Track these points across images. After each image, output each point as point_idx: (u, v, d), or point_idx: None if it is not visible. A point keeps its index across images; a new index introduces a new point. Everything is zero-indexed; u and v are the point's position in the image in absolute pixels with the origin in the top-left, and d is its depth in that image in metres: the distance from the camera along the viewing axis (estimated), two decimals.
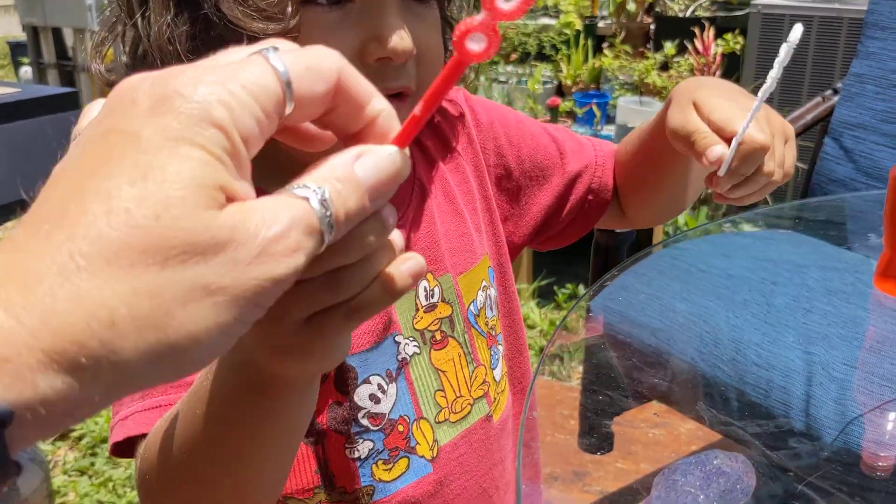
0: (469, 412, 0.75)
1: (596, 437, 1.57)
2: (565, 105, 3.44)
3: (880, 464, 0.83)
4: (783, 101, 3.43)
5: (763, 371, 1.16)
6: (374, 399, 0.69)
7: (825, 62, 3.14)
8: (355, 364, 0.68)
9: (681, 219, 3.22)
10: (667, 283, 1.36)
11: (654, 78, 3.51)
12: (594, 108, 3.28)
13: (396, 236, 0.39)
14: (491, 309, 0.79)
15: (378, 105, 0.36)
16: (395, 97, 0.64)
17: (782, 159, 0.71)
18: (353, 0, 0.61)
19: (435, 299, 0.74)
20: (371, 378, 0.69)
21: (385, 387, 0.70)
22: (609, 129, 3.42)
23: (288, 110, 0.33)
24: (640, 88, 3.55)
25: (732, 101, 0.71)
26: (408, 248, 0.71)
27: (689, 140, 0.70)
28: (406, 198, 0.74)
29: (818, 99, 1.70)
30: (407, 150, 0.36)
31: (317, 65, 0.34)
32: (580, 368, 2.61)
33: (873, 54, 1.60)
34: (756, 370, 1.17)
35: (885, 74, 1.57)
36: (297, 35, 0.59)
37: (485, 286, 0.78)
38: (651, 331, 1.31)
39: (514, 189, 0.84)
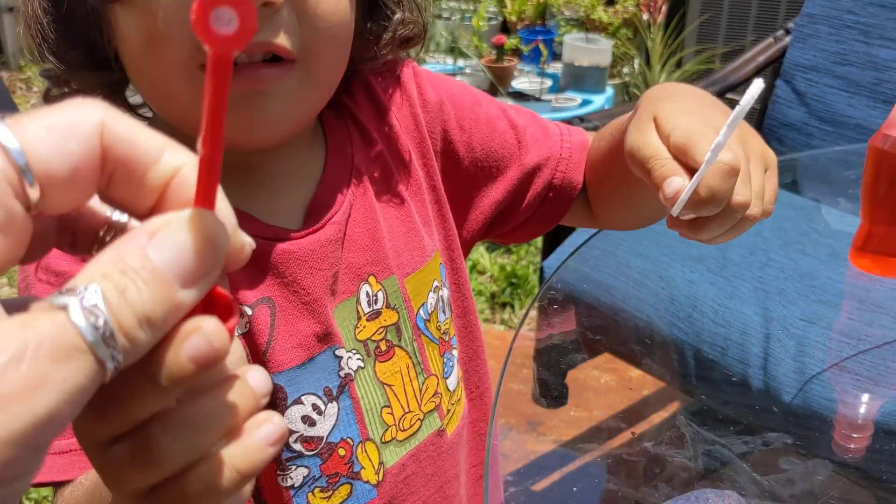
0: (419, 428, 0.68)
1: (551, 395, 1.55)
2: (511, 42, 3.36)
3: (852, 445, 0.81)
4: (728, 36, 3.40)
5: (720, 328, 1.14)
6: (308, 421, 0.62)
7: (798, 4, 3.10)
8: (283, 383, 0.61)
9: None
10: (621, 237, 1.32)
11: (601, 14, 3.44)
12: (541, 46, 3.21)
13: (245, 367, 0.30)
14: (444, 311, 0.71)
15: (173, 160, 0.28)
16: (269, 65, 0.54)
17: (761, 190, 0.54)
18: None
19: (379, 305, 0.66)
20: (303, 398, 0.62)
21: (322, 407, 0.62)
22: (556, 67, 3.35)
23: (33, 196, 0.26)
24: (585, 25, 3.48)
25: (700, 116, 0.55)
26: (346, 247, 0.64)
27: (645, 167, 0.54)
28: (341, 187, 0.65)
29: (770, 40, 1.66)
30: (221, 205, 0.28)
31: (65, 128, 0.26)
32: (533, 314, 2.60)
33: None
34: (713, 327, 1.14)
35: (838, 14, 1.53)
36: None
37: (436, 286, 0.70)
38: (606, 288, 1.27)
39: (463, 179, 0.73)
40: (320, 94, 0.60)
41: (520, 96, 3.13)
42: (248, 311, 0.59)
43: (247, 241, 0.30)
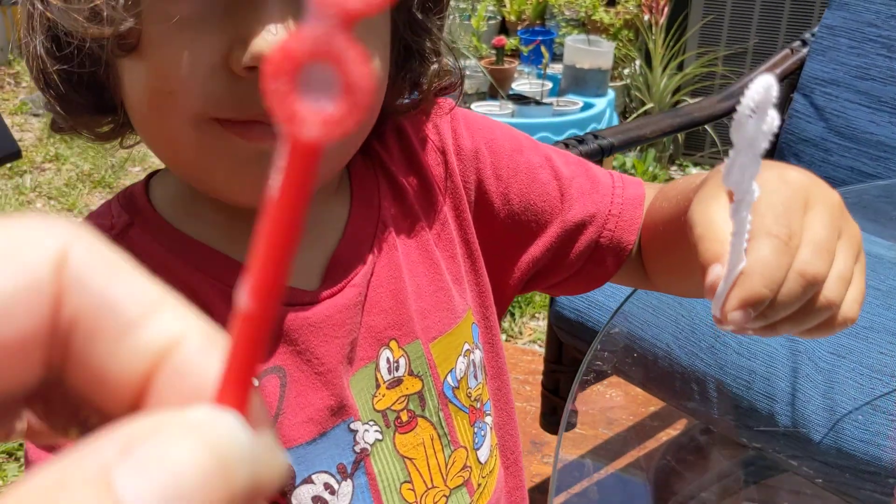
0: None
1: (558, 417, 1.50)
2: (511, 43, 3.31)
3: None
4: (756, 52, 3.35)
5: (744, 360, 1.09)
6: (320, 501, 0.56)
7: (802, 9, 3.06)
8: (291, 461, 0.55)
9: (628, 162, 3.15)
10: None
11: (602, 15, 3.39)
12: (542, 48, 3.16)
13: None
14: (475, 377, 0.65)
15: (171, 324, 0.18)
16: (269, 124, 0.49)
17: (848, 275, 0.44)
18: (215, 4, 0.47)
19: (400, 373, 0.60)
20: (314, 477, 0.56)
21: (335, 486, 0.57)
22: (556, 69, 3.30)
23: None
24: (586, 26, 3.43)
25: (792, 189, 0.44)
26: (366, 310, 0.59)
27: (695, 245, 0.44)
28: (365, 244, 0.60)
29: (787, 51, 1.61)
30: (258, 410, 0.18)
31: None
32: (531, 325, 2.55)
33: (846, 5, 1.51)
34: (737, 359, 1.10)
35: (859, 27, 1.48)
36: (135, 41, 0.48)
37: (467, 350, 0.63)
38: (623, 314, 1.22)
39: (499, 233, 0.66)
40: (345, 149, 0.55)
41: (520, 99, 3.07)
42: (255, 381, 0.53)
43: (280, 473, 0.18)
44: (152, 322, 0.18)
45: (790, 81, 1.62)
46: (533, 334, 2.39)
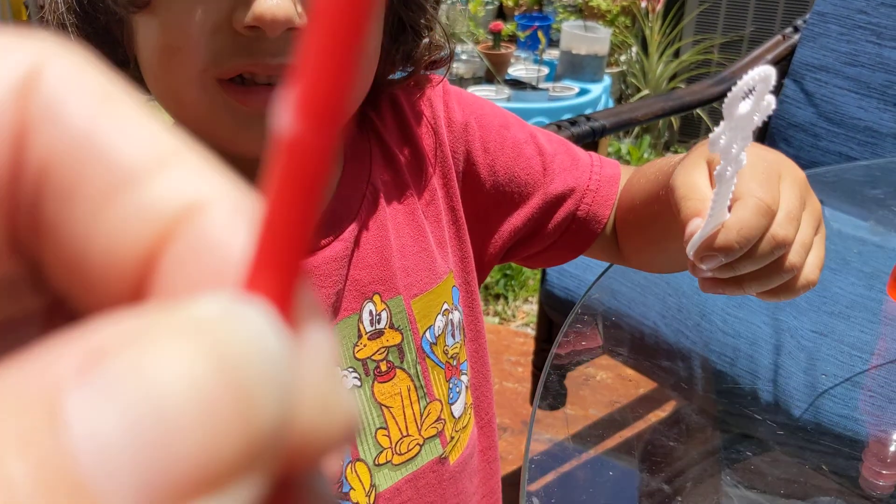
0: (417, 453, 0.65)
1: (550, 397, 1.53)
2: (508, 29, 3.31)
3: (881, 482, 0.79)
4: (753, 40, 3.36)
5: (729, 338, 1.11)
6: None
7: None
8: None
9: (623, 149, 3.17)
10: None
11: (599, 1, 3.40)
12: (539, 34, 3.17)
13: None
14: (453, 335, 0.68)
15: (185, 185, 0.12)
16: (271, 85, 0.53)
17: (808, 241, 0.48)
18: None
19: (382, 325, 0.64)
20: None
21: None
22: (553, 55, 3.31)
23: None
24: (583, 11, 3.44)
25: (767, 164, 0.49)
26: (353, 264, 0.62)
27: (677, 206, 0.49)
28: (354, 202, 0.63)
29: (778, 37, 1.63)
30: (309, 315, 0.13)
31: None
32: (524, 308, 2.58)
33: None
34: (722, 336, 1.12)
35: (850, 14, 1.50)
36: (148, 4, 0.51)
37: (446, 309, 0.67)
38: (611, 292, 1.25)
39: (484, 203, 0.71)
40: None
41: (516, 84, 3.09)
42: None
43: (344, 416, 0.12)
44: (159, 179, 0.12)
45: (781, 67, 1.64)
46: (526, 317, 2.42)
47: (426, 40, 0.64)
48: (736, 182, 0.45)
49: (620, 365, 1.58)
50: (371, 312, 0.63)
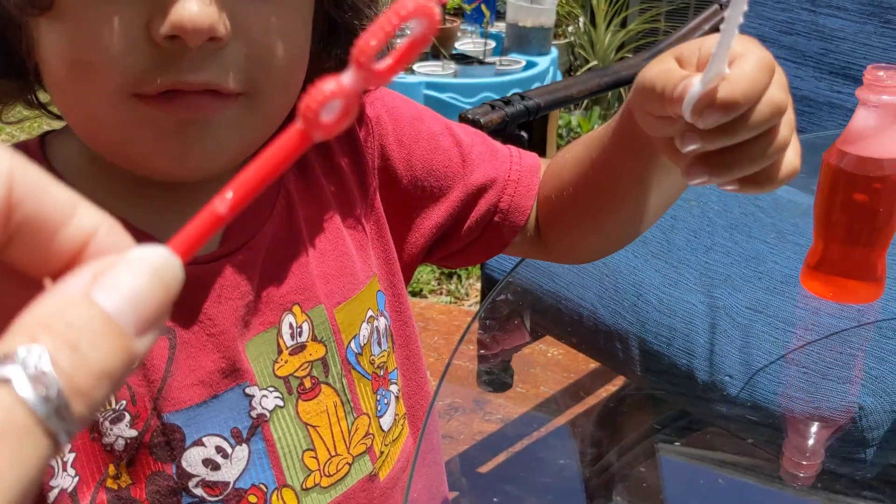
0: (347, 473, 0.62)
1: (496, 380, 1.52)
2: (453, 1, 3.27)
3: (801, 473, 0.78)
4: (699, 6, 3.35)
5: (665, 318, 1.10)
6: (211, 465, 0.56)
7: None
8: (180, 423, 0.55)
9: (573, 121, 3.15)
10: None
11: None
12: (483, 7, 3.12)
13: None
14: (379, 344, 0.65)
15: (86, 220, 0.25)
16: (209, 94, 0.49)
17: (792, 123, 0.47)
18: None
19: (304, 338, 0.60)
20: (205, 439, 0.56)
21: (228, 450, 0.56)
22: (499, 27, 3.27)
23: None
24: None
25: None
26: (270, 276, 0.58)
27: (658, 90, 0.46)
28: (265, 210, 0.59)
29: (715, 7, 1.61)
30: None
31: None
32: (477, 286, 2.56)
33: None
34: (658, 316, 1.11)
35: None
36: (50, 7, 0.46)
37: (371, 317, 0.64)
38: (549, 274, 1.23)
39: (402, 199, 0.67)
40: (265, 127, 0.54)
41: (463, 59, 3.05)
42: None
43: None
44: (75, 218, 0.24)
45: None
46: (479, 295, 2.40)
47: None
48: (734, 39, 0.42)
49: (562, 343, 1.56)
50: (291, 325, 0.59)
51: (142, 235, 0.53)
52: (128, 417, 0.54)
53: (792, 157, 0.48)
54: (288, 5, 0.51)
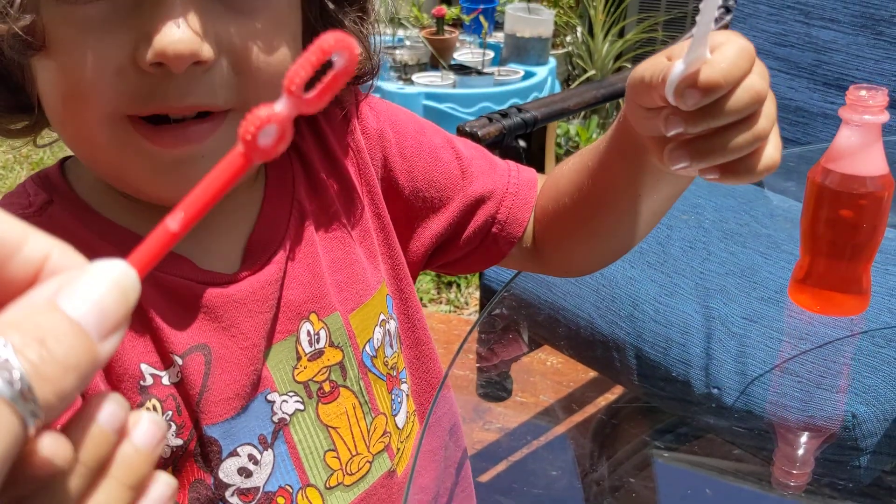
0: (368, 471, 0.64)
1: (495, 390, 1.53)
2: (452, 13, 3.29)
3: (792, 482, 0.80)
4: (670, 4, 3.37)
5: (661, 328, 1.11)
6: (245, 472, 0.58)
7: None
8: (217, 436, 0.57)
9: (571, 130, 3.17)
10: None
11: None
12: (481, 18, 3.14)
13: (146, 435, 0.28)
14: (391, 346, 0.67)
15: (37, 247, 0.27)
16: (198, 121, 0.51)
17: (773, 115, 0.48)
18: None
19: (321, 344, 0.62)
20: (239, 449, 0.58)
21: (258, 456, 0.59)
22: (498, 38, 3.29)
23: None
24: None
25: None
26: (285, 286, 0.61)
27: (645, 82, 0.48)
28: (281, 224, 0.61)
29: None
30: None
31: None
32: (476, 294, 2.57)
33: None
34: (654, 326, 1.12)
35: None
36: (40, 40, 0.48)
37: (383, 320, 0.66)
38: (547, 285, 1.24)
39: (404, 209, 0.69)
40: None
41: (461, 69, 3.06)
42: (179, 360, 0.56)
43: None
44: (26, 246, 0.27)
45: None
46: (478, 305, 2.41)
47: None
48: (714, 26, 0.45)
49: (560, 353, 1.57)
50: (309, 332, 0.61)
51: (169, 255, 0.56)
52: (174, 427, 0.56)
53: (772, 151, 0.49)
54: (273, 20, 0.53)
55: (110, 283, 0.26)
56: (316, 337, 0.62)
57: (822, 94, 1.45)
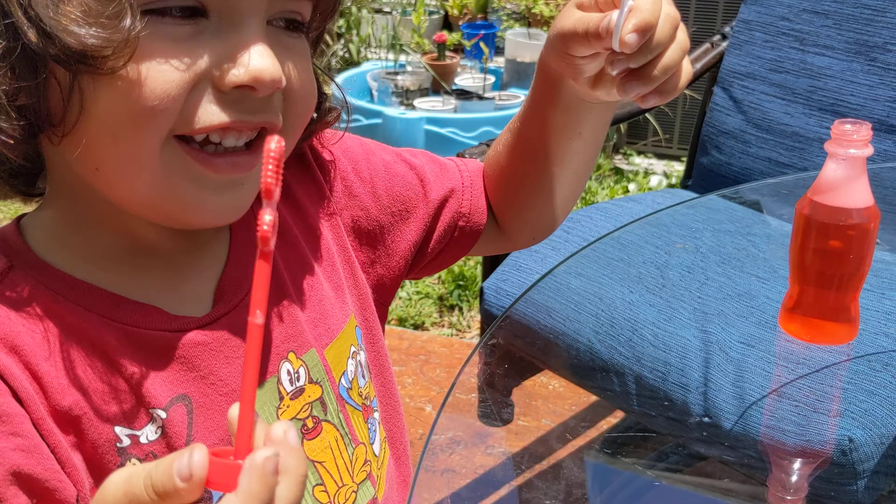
0: (354, 500, 0.65)
1: (498, 415, 1.53)
2: (453, 38, 3.32)
3: None
4: (694, 41, 3.39)
5: (660, 352, 1.12)
6: None
7: (709, 4, 3.11)
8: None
9: None
10: (559, 258, 1.30)
11: (542, 7, 3.42)
12: (482, 44, 3.18)
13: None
14: (363, 376, 0.69)
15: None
16: (245, 151, 0.54)
17: (685, 44, 0.59)
18: (206, 16, 0.51)
19: (301, 382, 0.63)
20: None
21: None
22: (499, 62, 3.33)
23: None
24: (528, 19, 3.46)
25: None
26: (265, 329, 0.61)
27: (582, 33, 0.57)
28: (249, 265, 0.61)
29: (707, 45, 1.65)
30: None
31: None
32: (478, 318, 2.58)
33: (761, 0, 1.55)
34: (653, 351, 1.13)
35: (773, 21, 1.52)
36: (133, 50, 0.48)
37: (354, 352, 0.68)
38: (546, 310, 1.25)
39: (377, 229, 0.72)
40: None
41: (463, 94, 3.09)
42: (162, 413, 0.56)
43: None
44: None
45: (711, 75, 1.66)
46: (480, 328, 2.42)
47: (326, 105, 0.65)
48: None
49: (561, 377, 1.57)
50: (289, 372, 0.62)
51: (116, 299, 0.56)
52: None
53: (687, 67, 0.60)
54: (304, 55, 0.58)
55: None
56: (296, 375, 0.62)
57: (818, 120, 1.47)
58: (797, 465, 0.90)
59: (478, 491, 1.79)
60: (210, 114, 0.51)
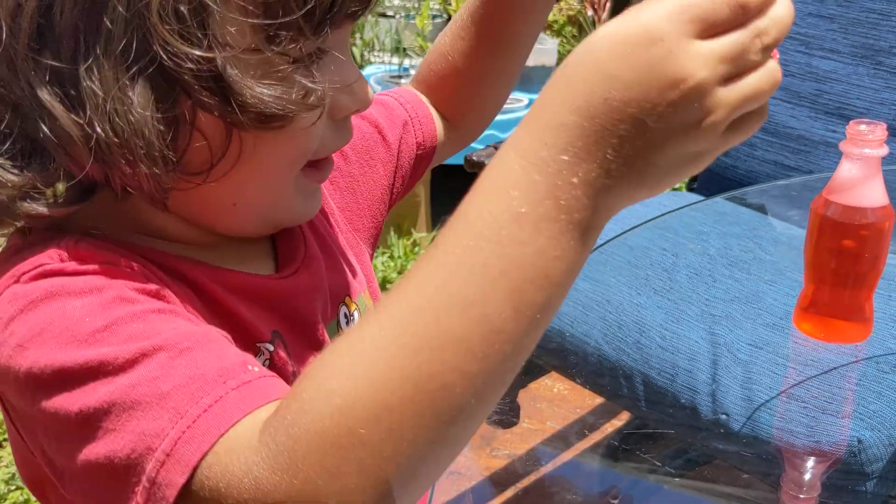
0: None
1: (501, 412, 1.54)
2: None
3: None
4: None
5: (668, 354, 1.13)
6: None
7: None
8: None
9: None
10: None
11: None
12: None
13: None
14: None
15: None
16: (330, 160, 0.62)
17: None
18: (321, 58, 0.54)
19: (355, 322, 0.68)
20: None
21: None
22: None
23: None
24: None
25: None
26: (313, 285, 0.64)
27: None
28: (299, 237, 0.66)
29: None
30: None
31: None
32: None
33: None
34: (661, 353, 1.13)
35: None
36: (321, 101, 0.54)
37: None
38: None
39: (352, 184, 0.77)
40: None
41: None
42: (269, 346, 0.59)
43: None
44: None
45: None
46: None
47: None
48: None
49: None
50: (346, 314, 0.67)
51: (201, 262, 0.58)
52: None
53: None
54: None
55: None
56: (351, 318, 0.68)
57: (824, 123, 1.48)
58: (810, 464, 0.91)
59: (483, 493, 1.80)
60: (332, 142, 0.58)
